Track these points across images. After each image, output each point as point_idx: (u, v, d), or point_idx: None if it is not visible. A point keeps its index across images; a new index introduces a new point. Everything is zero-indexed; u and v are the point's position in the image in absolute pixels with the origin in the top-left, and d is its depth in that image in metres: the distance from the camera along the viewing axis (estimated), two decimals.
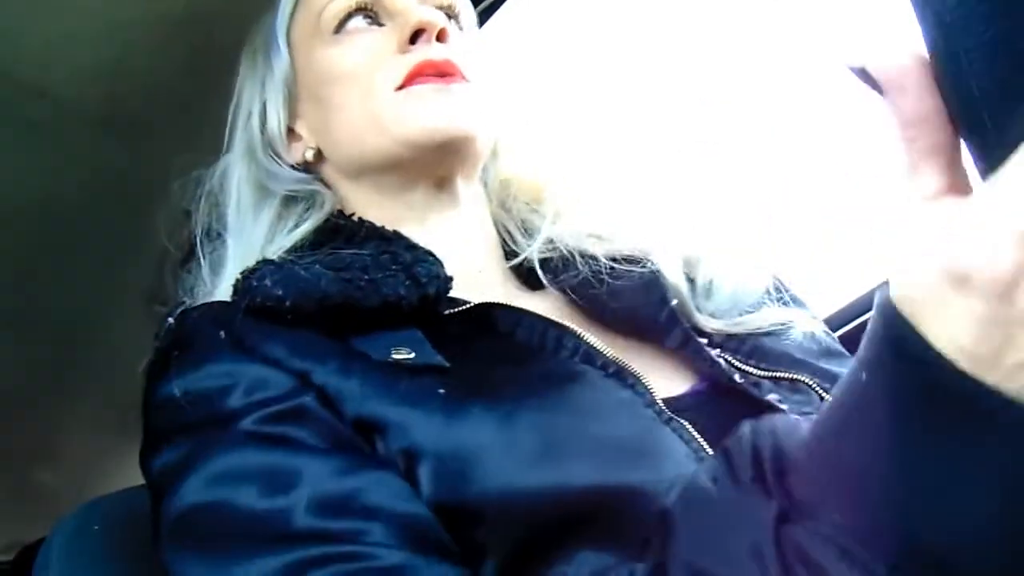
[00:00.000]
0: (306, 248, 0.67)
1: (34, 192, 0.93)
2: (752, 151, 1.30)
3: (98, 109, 0.89)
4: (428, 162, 0.69)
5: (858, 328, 1.10)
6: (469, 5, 0.79)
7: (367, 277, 0.61)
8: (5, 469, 1.18)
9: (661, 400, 0.60)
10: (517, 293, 0.73)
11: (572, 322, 0.64)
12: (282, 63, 0.75)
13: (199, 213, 0.74)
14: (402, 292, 0.61)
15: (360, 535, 0.51)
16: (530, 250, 0.73)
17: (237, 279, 0.62)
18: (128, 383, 0.65)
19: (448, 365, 0.58)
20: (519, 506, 0.52)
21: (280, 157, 0.74)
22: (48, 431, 1.19)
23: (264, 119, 0.75)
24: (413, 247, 0.66)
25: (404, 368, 0.58)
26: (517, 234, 0.77)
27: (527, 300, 0.70)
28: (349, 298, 0.60)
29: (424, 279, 0.62)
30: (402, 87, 0.68)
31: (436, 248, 0.66)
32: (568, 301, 0.70)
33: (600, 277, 0.69)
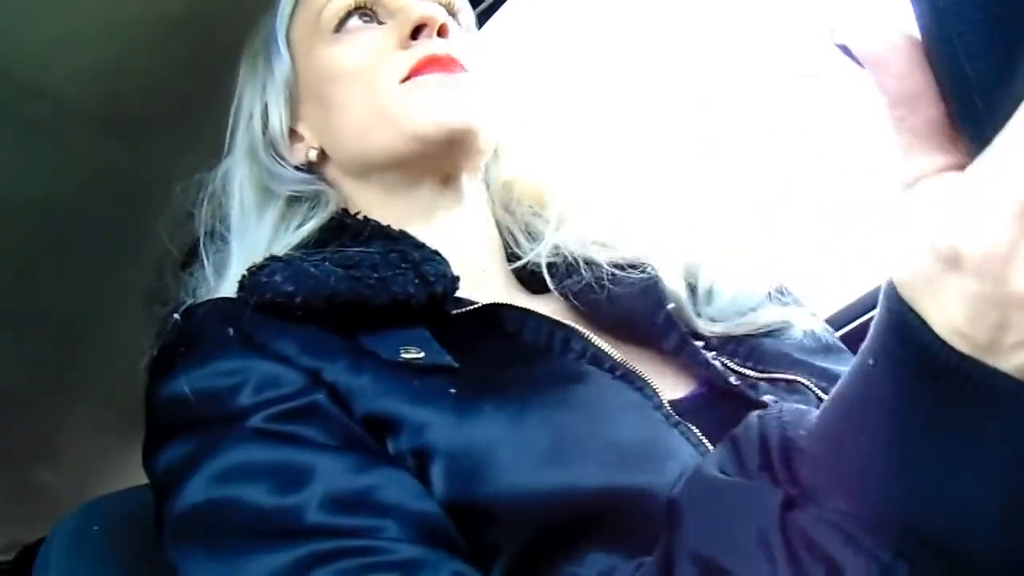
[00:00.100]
0: (311, 246, 0.66)
1: (34, 192, 0.93)
2: (752, 151, 1.30)
3: (98, 109, 0.89)
4: (435, 156, 0.69)
5: (860, 328, 1.10)
6: (468, 5, 0.79)
7: (376, 275, 0.61)
8: (5, 469, 1.18)
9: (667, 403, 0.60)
10: (519, 295, 0.73)
11: (575, 325, 0.64)
12: (282, 64, 0.74)
13: (202, 215, 0.74)
14: (411, 291, 0.61)
15: (374, 531, 0.50)
16: (535, 254, 0.73)
17: (243, 275, 0.61)
18: (128, 383, 0.65)
19: (457, 365, 0.58)
20: (530, 507, 0.52)
21: (283, 158, 0.74)
22: (48, 431, 1.18)
23: (266, 121, 0.75)
24: (420, 246, 0.66)
25: (414, 367, 0.58)
26: (521, 237, 0.77)
27: (529, 302, 0.70)
28: (359, 296, 0.60)
29: (432, 278, 0.62)
30: (407, 79, 0.67)
31: (441, 247, 0.66)
32: (569, 306, 0.70)
33: (601, 283, 0.69)
